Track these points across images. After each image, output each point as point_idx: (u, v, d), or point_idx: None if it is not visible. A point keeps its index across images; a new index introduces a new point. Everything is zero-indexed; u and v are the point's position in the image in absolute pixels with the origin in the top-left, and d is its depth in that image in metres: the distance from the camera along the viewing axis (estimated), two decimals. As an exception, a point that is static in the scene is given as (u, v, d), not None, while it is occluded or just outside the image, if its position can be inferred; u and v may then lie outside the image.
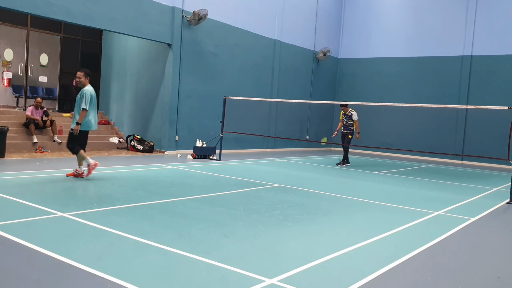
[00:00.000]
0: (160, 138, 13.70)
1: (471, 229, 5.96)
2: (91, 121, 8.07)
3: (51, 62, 16.15)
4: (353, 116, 13.01)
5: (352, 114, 13.01)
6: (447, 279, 3.98)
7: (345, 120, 13.18)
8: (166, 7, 13.06)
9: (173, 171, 9.83)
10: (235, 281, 3.63)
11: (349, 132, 13.12)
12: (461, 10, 17.17)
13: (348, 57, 20.17)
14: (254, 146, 16.41)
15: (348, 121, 13.11)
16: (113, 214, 5.59)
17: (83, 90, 7.92)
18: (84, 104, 7.79)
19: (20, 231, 4.56)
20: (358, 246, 4.75)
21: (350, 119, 13.07)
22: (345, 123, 13.18)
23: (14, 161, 9.92)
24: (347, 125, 13.14)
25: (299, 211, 6.36)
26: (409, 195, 8.56)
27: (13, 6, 10.13)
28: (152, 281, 3.50)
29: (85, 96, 7.81)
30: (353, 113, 13.02)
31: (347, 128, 13.15)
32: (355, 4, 20.02)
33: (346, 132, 13.19)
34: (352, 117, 13.02)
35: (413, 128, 17.64)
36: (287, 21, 17.20)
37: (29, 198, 6.06)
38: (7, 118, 12.47)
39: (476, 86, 16.89)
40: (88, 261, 3.80)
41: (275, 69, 16.96)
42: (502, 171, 14.22)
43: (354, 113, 13.03)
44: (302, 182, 9.25)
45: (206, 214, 5.87)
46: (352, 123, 13.07)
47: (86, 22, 11.49)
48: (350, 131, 13.12)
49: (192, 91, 14.01)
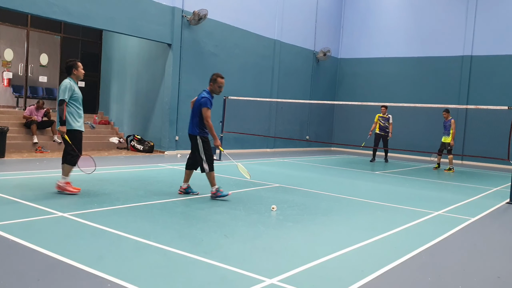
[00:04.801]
0: (160, 138, 13.70)
1: (471, 229, 5.96)
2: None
3: (51, 62, 16.15)
4: (390, 119, 14.36)
5: (389, 117, 14.32)
6: (447, 279, 3.98)
7: (382, 122, 14.29)
8: (166, 7, 13.06)
9: (173, 171, 9.83)
10: (235, 281, 3.63)
11: (387, 134, 14.32)
12: (461, 10, 17.17)
13: (348, 57, 20.17)
14: (254, 146, 16.40)
15: (386, 123, 14.25)
16: (113, 214, 5.59)
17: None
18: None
19: (20, 231, 4.55)
20: (358, 246, 4.75)
21: (388, 121, 14.27)
22: (382, 125, 14.30)
23: (14, 161, 9.91)
24: (384, 126, 14.29)
25: (299, 211, 6.35)
26: (409, 195, 8.56)
27: (13, 6, 10.13)
28: (152, 281, 3.50)
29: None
30: (390, 116, 14.38)
31: (384, 130, 14.31)
32: (355, 4, 20.02)
33: (383, 134, 14.34)
34: (389, 120, 14.30)
35: (413, 128, 17.63)
36: (287, 21, 17.20)
37: (29, 198, 6.05)
38: (7, 118, 12.47)
39: (476, 86, 16.89)
40: (88, 261, 3.80)
41: (275, 69, 16.96)
42: (502, 171, 14.22)
43: (391, 116, 14.40)
44: (302, 182, 9.25)
45: (206, 214, 5.87)
46: (388, 125, 14.29)
47: (86, 22, 11.49)
48: (387, 133, 14.31)
49: (192, 91, 13.98)
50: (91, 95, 16.36)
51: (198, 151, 6.82)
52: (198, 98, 6.95)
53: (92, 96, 16.38)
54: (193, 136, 6.87)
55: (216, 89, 6.98)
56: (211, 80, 7.01)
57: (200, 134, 6.82)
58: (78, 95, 6.70)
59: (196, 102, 6.92)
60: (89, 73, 16.33)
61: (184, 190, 7.09)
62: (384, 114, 14.33)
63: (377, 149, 14.87)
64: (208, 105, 6.76)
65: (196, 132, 6.82)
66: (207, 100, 6.77)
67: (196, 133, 6.82)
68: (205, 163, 6.78)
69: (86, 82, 16.16)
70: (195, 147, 6.88)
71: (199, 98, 6.91)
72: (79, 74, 6.83)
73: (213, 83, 6.96)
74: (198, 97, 6.96)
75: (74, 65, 6.73)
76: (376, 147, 14.64)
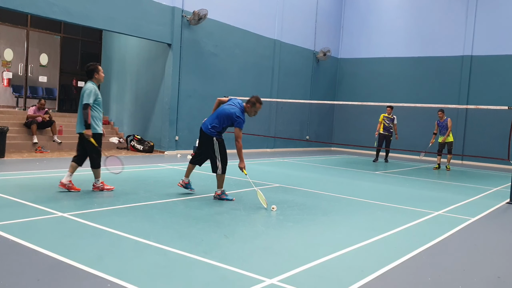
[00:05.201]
0: (160, 138, 13.70)
1: (471, 229, 5.96)
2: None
3: (51, 62, 16.15)
4: (395, 120, 14.46)
5: (394, 118, 14.41)
6: (447, 279, 3.98)
7: (387, 122, 14.36)
8: (166, 7, 13.06)
9: (173, 171, 9.83)
10: (235, 281, 3.63)
11: (390, 134, 14.39)
12: (461, 10, 17.17)
13: (348, 57, 20.17)
14: (254, 146, 16.40)
15: (390, 124, 14.32)
16: (113, 214, 5.59)
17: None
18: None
19: (20, 231, 4.55)
20: (358, 246, 4.75)
21: (392, 122, 14.34)
22: (387, 125, 14.36)
23: (14, 161, 9.91)
24: (389, 127, 14.37)
25: (299, 211, 6.35)
26: (409, 195, 8.56)
27: (13, 6, 10.13)
28: (152, 281, 3.50)
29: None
30: (395, 117, 14.48)
31: (389, 130, 14.38)
32: (355, 4, 20.02)
33: (388, 134, 14.41)
34: (394, 121, 14.40)
35: (413, 128, 17.63)
36: (287, 21, 17.20)
37: (29, 198, 6.05)
38: (7, 118, 12.47)
39: (476, 86, 16.89)
40: (88, 261, 3.80)
41: (275, 69, 16.96)
42: (502, 171, 14.22)
43: (396, 117, 14.50)
44: (302, 182, 9.25)
45: (206, 214, 5.87)
46: (392, 126, 14.38)
47: (86, 22, 11.49)
48: (391, 133, 14.39)
49: (192, 91, 14.01)
50: (91, 95, 16.36)
51: (213, 151, 6.76)
52: (229, 109, 6.72)
53: (92, 96, 16.37)
54: (208, 137, 6.78)
55: (251, 112, 6.93)
56: (249, 102, 6.87)
57: (217, 136, 6.80)
58: (101, 99, 6.90)
59: (225, 111, 6.73)
60: (89, 73, 16.34)
61: (184, 184, 7.06)
62: (390, 114, 14.37)
63: (380, 149, 14.91)
64: (242, 126, 6.73)
65: (214, 134, 6.76)
66: (242, 122, 6.71)
67: (214, 135, 6.76)
68: (219, 162, 6.74)
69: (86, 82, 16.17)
70: (208, 146, 6.79)
71: (232, 111, 6.68)
72: (100, 78, 6.98)
73: (251, 106, 6.86)
74: (230, 108, 6.73)
75: (95, 69, 6.87)
76: (380, 147, 14.68)
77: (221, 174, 6.79)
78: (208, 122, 6.85)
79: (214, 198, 6.80)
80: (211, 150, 6.78)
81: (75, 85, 16.07)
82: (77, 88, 16.09)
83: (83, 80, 16.09)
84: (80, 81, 15.99)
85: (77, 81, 16.00)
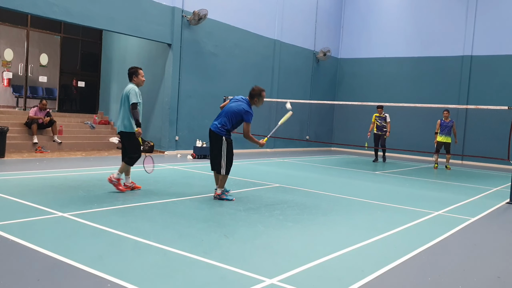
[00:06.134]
0: (160, 138, 13.70)
1: (471, 229, 5.96)
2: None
3: (51, 62, 16.15)
4: (387, 118, 14.43)
5: (386, 116, 14.41)
6: (447, 279, 3.98)
7: (379, 121, 14.41)
8: (166, 7, 13.06)
9: (173, 171, 9.83)
10: (235, 281, 3.63)
11: (384, 133, 14.41)
12: (461, 10, 17.17)
13: (348, 57, 20.17)
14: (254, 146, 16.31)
15: (382, 123, 14.36)
16: (113, 214, 5.59)
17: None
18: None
19: (20, 231, 4.55)
20: (358, 246, 4.74)
21: (384, 121, 14.36)
22: (379, 124, 14.40)
23: (14, 161, 9.91)
24: (382, 126, 14.39)
25: (299, 211, 6.35)
26: (409, 195, 8.56)
27: (13, 6, 10.13)
28: (152, 281, 3.50)
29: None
30: (387, 115, 14.46)
31: (382, 130, 14.41)
32: (355, 4, 20.02)
33: (381, 134, 14.44)
34: (386, 119, 14.38)
35: (413, 128, 17.63)
36: (287, 21, 17.20)
37: (29, 198, 6.05)
38: (7, 118, 12.48)
39: (476, 86, 16.89)
40: (88, 261, 3.80)
41: (275, 69, 16.96)
42: (502, 171, 14.22)
43: (388, 115, 14.47)
44: (302, 182, 9.25)
45: (206, 214, 5.87)
46: (385, 125, 14.37)
47: (86, 22, 11.49)
48: (384, 132, 14.41)
49: (192, 91, 14.01)
50: (91, 95, 16.37)
51: (220, 150, 6.71)
52: (236, 105, 6.73)
53: (92, 96, 16.39)
54: (218, 136, 6.73)
55: (259, 102, 6.95)
56: (255, 95, 6.85)
57: (227, 136, 6.76)
58: (141, 101, 7.12)
59: (232, 108, 6.73)
60: (89, 73, 16.35)
61: (219, 196, 6.75)
62: (381, 114, 14.47)
63: (378, 149, 14.96)
64: (251, 120, 6.73)
65: (223, 133, 6.72)
66: (251, 116, 6.72)
67: (223, 134, 6.72)
68: (224, 162, 6.70)
69: (86, 82, 16.19)
70: (216, 145, 6.75)
71: (240, 107, 6.69)
72: (139, 82, 7.15)
73: (258, 99, 6.88)
74: (237, 104, 6.75)
75: (135, 72, 7.10)
76: (377, 147, 14.73)
77: (225, 175, 6.77)
78: (217, 121, 6.83)
79: (214, 198, 6.80)
80: (218, 148, 6.73)
81: (75, 85, 16.06)
82: (77, 88, 16.09)
83: (83, 80, 16.11)
84: (80, 81, 16.00)
85: (77, 81, 16.00)
